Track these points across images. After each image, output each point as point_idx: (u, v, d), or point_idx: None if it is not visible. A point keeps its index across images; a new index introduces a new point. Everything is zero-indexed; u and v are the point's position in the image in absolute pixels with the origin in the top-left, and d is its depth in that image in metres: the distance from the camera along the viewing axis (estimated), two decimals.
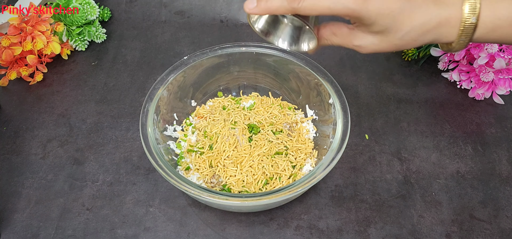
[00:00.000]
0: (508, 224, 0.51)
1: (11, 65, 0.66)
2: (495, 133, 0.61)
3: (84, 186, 0.55)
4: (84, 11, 0.71)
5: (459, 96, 0.66)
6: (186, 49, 0.74)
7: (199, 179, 0.52)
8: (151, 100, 0.52)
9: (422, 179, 0.55)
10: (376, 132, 0.61)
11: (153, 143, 0.48)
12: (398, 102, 0.65)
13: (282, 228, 0.51)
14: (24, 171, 0.56)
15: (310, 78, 0.56)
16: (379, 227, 0.51)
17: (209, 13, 0.80)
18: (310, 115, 0.59)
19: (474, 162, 0.57)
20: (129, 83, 0.68)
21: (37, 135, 0.61)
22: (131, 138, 0.60)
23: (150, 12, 0.80)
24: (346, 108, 0.51)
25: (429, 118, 0.63)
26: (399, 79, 0.68)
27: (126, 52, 0.74)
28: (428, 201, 0.53)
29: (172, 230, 0.51)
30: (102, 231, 0.51)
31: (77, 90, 0.67)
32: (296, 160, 0.53)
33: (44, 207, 0.53)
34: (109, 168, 0.57)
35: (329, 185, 0.55)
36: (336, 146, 0.48)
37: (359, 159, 0.57)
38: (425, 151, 0.58)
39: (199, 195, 0.44)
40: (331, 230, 0.51)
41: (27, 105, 0.65)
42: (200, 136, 0.56)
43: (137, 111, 0.63)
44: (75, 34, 0.72)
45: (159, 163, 0.46)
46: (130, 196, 0.54)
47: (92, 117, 0.63)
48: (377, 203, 0.53)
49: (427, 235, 0.50)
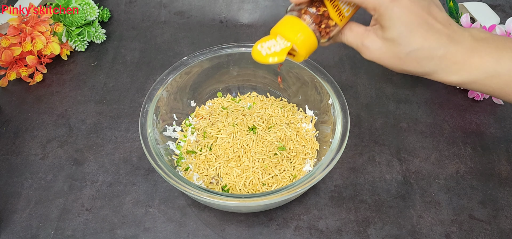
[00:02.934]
0: (508, 224, 0.51)
1: (11, 65, 0.66)
2: (494, 133, 0.61)
3: (83, 186, 0.55)
4: (84, 11, 0.71)
5: (458, 96, 0.66)
6: (185, 50, 0.74)
7: (198, 179, 0.52)
8: (151, 101, 0.52)
9: (422, 179, 0.55)
10: (376, 132, 0.61)
11: (153, 144, 0.48)
12: (398, 103, 0.65)
13: (281, 228, 0.51)
14: (24, 171, 0.56)
15: (309, 78, 0.56)
16: (379, 227, 0.51)
17: (209, 13, 0.80)
18: (309, 115, 0.59)
19: (474, 162, 0.57)
20: (129, 83, 0.68)
21: (37, 136, 0.61)
22: (131, 139, 0.60)
23: (150, 13, 0.80)
24: (346, 108, 0.51)
25: (428, 119, 0.63)
26: (399, 80, 0.68)
27: (125, 53, 0.74)
28: (427, 201, 0.53)
29: (171, 231, 0.51)
30: (101, 232, 0.51)
31: (76, 90, 0.67)
32: (296, 160, 0.53)
33: (44, 208, 0.53)
34: (108, 169, 0.57)
35: (328, 185, 0.55)
36: (336, 146, 0.48)
37: (359, 159, 0.57)
38: (425, 151, 0.58)
39: (198, 196, 0.44)
40: (331, 230, 0.51)
41: (27, 106, 0.65)
42: (199, 137, 0.56)
43: (137, 112, 0.63)
44: (74, 34, 0.72)
45: (158, 163, 0.46)
46: (130, 196, 0.54)
47: (92, 117, 0.63)
48: (377, 204, 0.53)
49: (426, 235, 0.50)
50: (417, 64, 0.37)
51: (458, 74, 0.37)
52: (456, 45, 0.36)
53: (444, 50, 0.36)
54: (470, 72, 0.37)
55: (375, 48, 0.38)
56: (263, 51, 0.41)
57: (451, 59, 0.37)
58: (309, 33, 0.39)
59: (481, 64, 0.37)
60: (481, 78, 0.37)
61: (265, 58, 0.41)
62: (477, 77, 0.37)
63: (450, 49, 0.36)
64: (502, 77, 0.37)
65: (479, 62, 0.37)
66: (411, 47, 0.36)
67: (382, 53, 0.38)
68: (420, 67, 0.37)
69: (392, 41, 0.37)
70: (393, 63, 0.38)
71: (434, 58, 0.37)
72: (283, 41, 0.40)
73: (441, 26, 0.36)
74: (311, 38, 0.40)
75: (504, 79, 0.37)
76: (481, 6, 0.70)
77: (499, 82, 0.37)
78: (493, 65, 0.36)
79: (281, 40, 0.40)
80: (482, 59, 0.37)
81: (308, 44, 0.40)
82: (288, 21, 0.40)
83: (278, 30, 0.40)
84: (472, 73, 0.37)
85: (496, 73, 0.37)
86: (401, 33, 0.36)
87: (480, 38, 0.37)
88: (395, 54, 0.37)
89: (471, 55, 0.37)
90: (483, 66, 0.37)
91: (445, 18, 0.37)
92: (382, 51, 0.38)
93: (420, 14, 0.36)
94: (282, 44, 0.40)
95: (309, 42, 0.40)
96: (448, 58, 0.37)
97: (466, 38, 0.37)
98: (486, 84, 0.38)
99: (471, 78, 0.37)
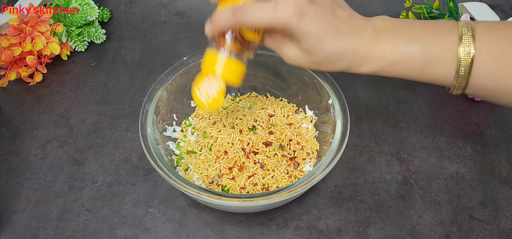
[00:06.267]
0: (508, 224, 0.51)
1: (11, 66, 0.67)
2: (494, 133, 0.61)
3: (83, 186, 0.55)
4: (84, 11, 0.71)
5: (458, 96, 0.66)
6: (185, 50, 0.74)
7: (198, 179, 0.52)
8: (151, 101, 0.52)
9: (422, 180, 0.55)
10: (376, 132, 0.61)
11: (153, 144, 0.48)
12: (398, 103, 0.65)
13: (281, 228, 0.51)
14: (24, 171, 0.56)
15: (309, 78, 0.56)
16: (379, 227, 0.51)
17: (209, 13, 0.79)
18: (309, 115, 0.59)
19: (474, 162, 0.57)
20: (129, 84, 0.68)
21: (37, 136, 0.61)
22: (131, 139, 0.60)
23: (150, 13, 0.80)
24: (346, 108, 0.51)
25: (428, 119, 0.63)
26: (399, 80, 0.68)
27: (125, 53, 0.74)
28: (427, 202, 0.53)
29: (171, 231, 0.51)
30: (101, 232, 0.51)
31: (76, 91, 0.67)
32: (296, 160, 0.53)
33: (44, 208, 0.53)
34: (108, 169, 0.57)
35: (328, 185, 0.55)
36: (336, 146, 0.48)
37: (359, 159, 0.57)
38: (425, 152, 0.58)
39: (198, 196, 0.44)
40: (331, 230, 0.51)
41: (27, 106, 0.65)
42: (199, 137, 0.56)
43: (137, 112, 0.63)
44: (74, 34, 0.72)
45: (158, 163, 0.46)
46: (130, 196, 0.54)
47: (92, 118, 0.63)
48: (377, 204, 0.53)
49: (426, 235, 0.50)
50: (332, 65, 0.41)
51: (366, 66, 0.41)
52: (360, 41, 0.40)
53: (351, 49, 0.40)
54: (374, 63, 0.40)
55: (292, 56, 0.42)
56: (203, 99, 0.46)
57: (358, 55, 0.40)
58: (234, 64, 0.44)
59: (382, 54, 0.40)
60: (386, 66, 0.40)
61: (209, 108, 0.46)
62: (382, 67, 0.40)
63: (355, 46, 0.40)
64: (401, 63, 0.39)
65: (381, 52, 0.40)
66: (324, 54, 0.40)
67: (300, 59, 0.42)
68: (335, 67, 0.41)
69: (306, 51, 0.40)
70: (312, 66, 0.42)
71: (345, 57, 0.40)
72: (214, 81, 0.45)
73: (346, 26, 0.39)
74: (238, 67, 0.44)
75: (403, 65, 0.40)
76: (481, 6, 0.70)
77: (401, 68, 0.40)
78: (392, 53, 0.39)
79: (213, 79, 0.45)
80: (382, 50, 0.40)
81: (237, 74, 0.44)
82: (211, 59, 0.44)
83: (207, 68, 0.44)
84: (377, 64, 0.40)
85: (396, 60, 0.39)
86: (313, 45, 0.39)
87: (381, 29, 0.40)
88: (311, 60, 0.41)
89: (373, 47, 0.40)
90: (384, 55, 0.40)
91: (348, 15, 0.40)
92: (300, 58, 0.42)
93: (327, 20, 0.39)
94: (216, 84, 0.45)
95: (237, 71, 0.44)
96: (355, 54, 0.40)
97: (369, 31, 0.40)
98: (392, 71, 0.40)
99: (378, 68, 0.40)
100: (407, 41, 0.39)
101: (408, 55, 0.39)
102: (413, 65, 0.40)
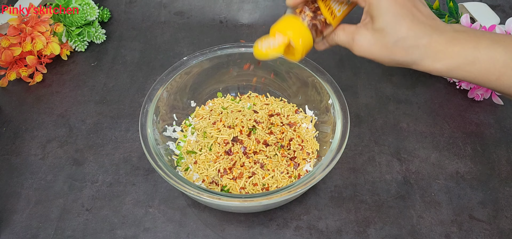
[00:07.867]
0: (508, 224, 0.51)
1: (11, 66, 0.66)
2: (494, 133, 0.61)
3: (83, 186, 0.55)
4: (84, 11, 0.71)
5: (458, 96, 0.66)
6: (185, 50, 0.74)
7: (198, 179, 0.52)
8: (151, 101, 0.52)
9: (422, 180, 0.55)
10: (376, 132, 0.61)
11: (153, 144, 0.48)
12: (398, 103, 0.65)
13: (281, 228, 0.51)
14: (24, 171, 0.56)
15: (309, 78, 0.56)
16: (379, 227, 0.51)
17: (209, 13, 0.80)
18: (309, 115, 0.59)
19: (474, 162, 0.57)
20: (129, 84, 0.68)
21: (37, 136, 0.61)
22: (131, 139, 0.60)
23: (150, 13, 0.80)
24: (346, 108, 0.51)
25: (428, 119, 0.63)
26: (399, 80, 0.68)
27: (125, 53, 0.74)
28: (427, 202, 0.53)
29: (171, 231, 0.51)
30: (101, 232, 0.51)
31: (76, 91, 0.67)
32: (296, 160, 0.53)
33: (44, 208, 0.53)
34: (108, 169, 0.57)
35: (328, 185, 0.55)
36: (336, 146, 0.48)
37: (359, 159, 0.57)
38: (425, 152, 0.58)
39: (198, 196, 0.44)
40: (331, 230, 0.51)
41: (27, 106, 0.65)
42: (199, 137, 0.56)
43: (137, 112, 0.63)
44: (74, 34, 0.72)
45: (158, 163, 0.46)
46: (130, 196, 0.54)
47: (92, 118, 0.63)
48: (377, 204, 0.53)
49: (426, 235, 0.50)
50: (404, 53, 0.40)
51: (442, 61, 0.39)
52: (439, 34, 0.39)
53: (428, 38, 0.39)
54: (452, 58, 0.39)
55: (365, 42, 0.41)
56: (263, 48, 0.44)
57: (435, 47, 0.39)
58: (305, 30, 0.43)
59: (462, 51, 0.39)
60: (463, 64, 0.39)
61: (265, 54, 0.44)
62: (459, 63, 0.39)
63: (433, 38, 0.39)
64: (481, 63, 0.39)
65: (460, 49, 0.39)
66: (398, 36, 0.39)
67: (372, 45, 0.41)
68: (407, 56, 0.40)
69: (380, 31, 0.40)
70: (382, 53, 0.41)
71: (419, 47, 0.39)
72: (281, 38, 0.43)
73: (425, 18, 0.39)
74: (307, 34, 0.43)
75: (483, 66, 0.39)
76: (481, 7, 0.70)
77: (479, 68, 0.39)
78: (472, 51, 0.39)
79: (280, 37, 0.43)
80: (462, 47, 0.39)
81: (304, 40, 0.43)
82: (285, 20, 0.43)
83: (277, 28, 0.43)
84: (454, 59, 0.39)
85: (476, 59, 0.39)
86: (389, 23, 0.39)
87: (461, 30, 0.40)
88: (384, 44, 0.40)
89: (452, 44, 0.39)
90: (463, 52, 0.39)
91: (429, 12, 0.40)
92: (371, 43, 0.41)
93: (406, 6, 0.39)
94: (280, 40, 0.43)
95: (305, 37, 0.43)
96: (432, 46, 0.39)
97: (448, 29, 0.39)
98: (468, 70, 0.39)
99: (454, 64, 0.39)
100: (490, 43, 0.38)
101: (490, 56, 0.38)
102: (494, 67, 0.38)
